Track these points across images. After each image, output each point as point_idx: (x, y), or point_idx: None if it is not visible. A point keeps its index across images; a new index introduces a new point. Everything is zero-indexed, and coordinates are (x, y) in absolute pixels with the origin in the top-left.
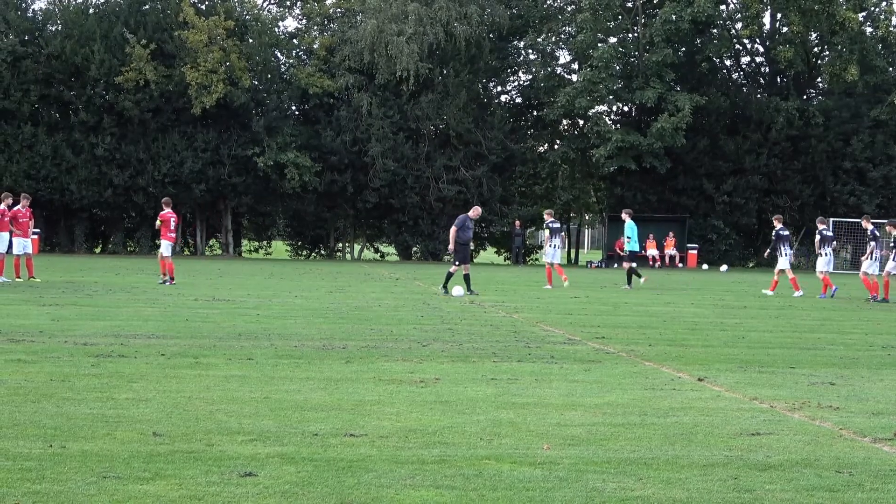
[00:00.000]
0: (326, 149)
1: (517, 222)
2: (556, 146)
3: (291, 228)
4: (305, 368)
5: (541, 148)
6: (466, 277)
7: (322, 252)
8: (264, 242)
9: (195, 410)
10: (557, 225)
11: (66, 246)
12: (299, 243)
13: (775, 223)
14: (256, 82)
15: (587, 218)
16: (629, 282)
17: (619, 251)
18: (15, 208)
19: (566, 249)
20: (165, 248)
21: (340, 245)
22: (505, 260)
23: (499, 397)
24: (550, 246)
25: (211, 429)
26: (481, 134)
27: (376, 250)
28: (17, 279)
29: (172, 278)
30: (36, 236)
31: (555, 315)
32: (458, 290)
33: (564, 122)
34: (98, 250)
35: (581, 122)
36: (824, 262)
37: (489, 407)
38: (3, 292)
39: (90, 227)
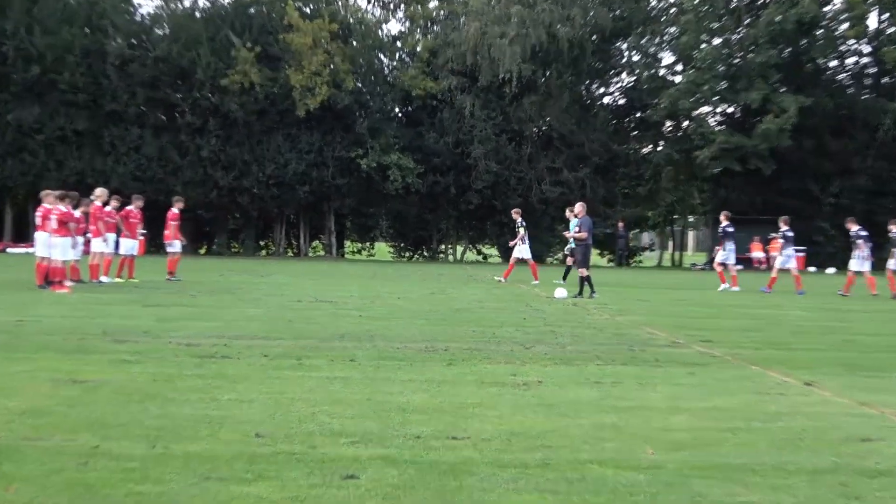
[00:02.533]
0: (429, 150)
1: (621, 224)
2: (659, 147)
3: (394, 230)
4: (407, 370)
5: (644, 149)
6: (587, 279)
7: (424, 254)
8: (367, 244)
9: (297, 412)
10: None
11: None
12: (402, 245)
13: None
14: (360, 84)
15: (691, 220)
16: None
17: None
18: (127, 208)
19: (674, 251)
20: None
21: (443, 247)
22: (608, 262)
23: (602, 401)
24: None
25: (313, 430)
26: (584, 135)
27: (478, 252)
28: (118, 279)
29: (171, 273)
30: (143, 237)
31: (659, 318)
32: (560, 291)
33: (668, 123)
34: (202, 251)
35: (685, 123)
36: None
37: (592, 410)
38: (110, 293)
39: (195, 228)
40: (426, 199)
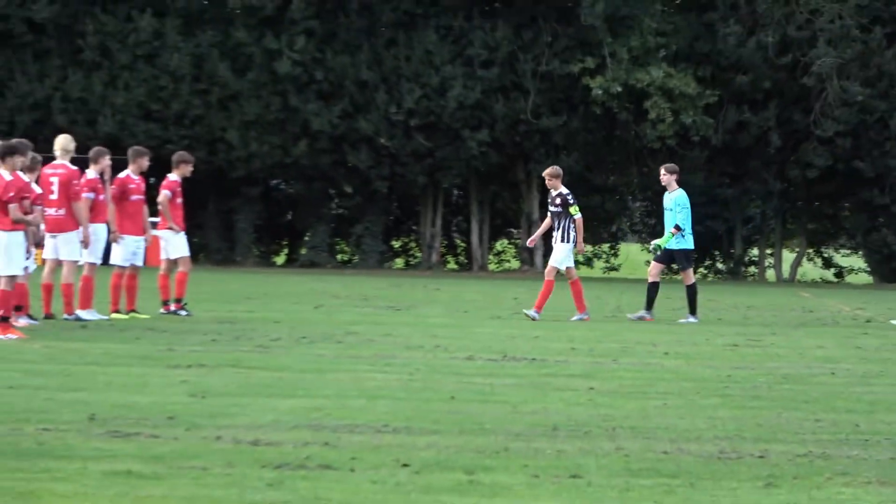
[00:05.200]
0: (726, 61)
1: None
2: None
3: (658, 219)
4: (697, 499)
5: None
6: None
7: (718, 265)
8: (602, 245)
9: None
10: None
11: (222, 252)
12: None
13: None
14: None
15: None
16: None
17: None
18: (125, 174)
19: None
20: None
21: (754, 251)
22: None
23: None
24: None
25: None
26: None
27: (825, 261)
28: (115, 313)
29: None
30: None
31: None
32: None
33: None
34: (280, 259)
35: None
36: None
37: None
38: (98, 340)
39: (263, 216)
40: (721, 157)
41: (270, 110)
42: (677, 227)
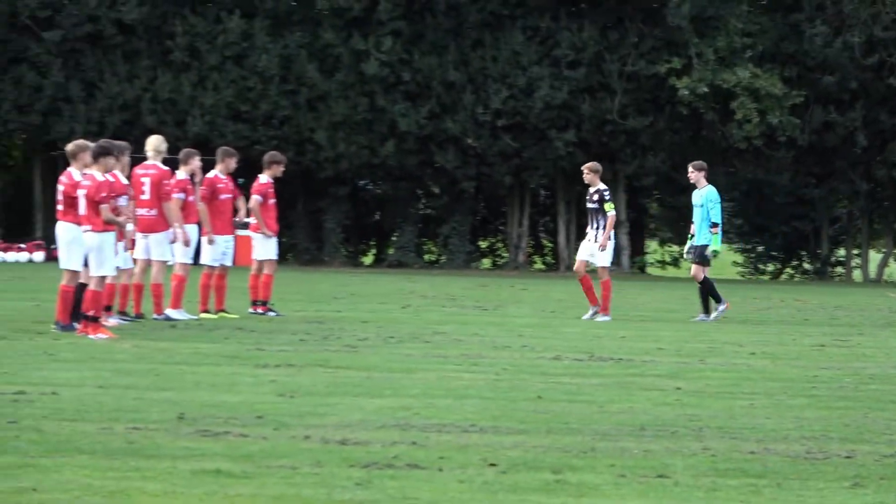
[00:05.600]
0: (812, 61)
1: None
2: None
3: (745, 220)
4: (784, 500)
5: None
6: None
7: (804, 266)
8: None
9: None
10: None
11: (310, 252)
12: (757, 250)
13: None
14: None
15: None
16: None
17: None
18: (214, 174)
19: None
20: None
21: (840, 252)
22: None
23: None
24: None
25: None
26: None
27: None
28: (204, 312)
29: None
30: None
31: None
32: None
33: None
34: (367, 259)
35: None
36: None
37: None
38: (187, 339)
39: (350, 216)
40: (807, 157)
41: (358, 111)
42: (714, 225)
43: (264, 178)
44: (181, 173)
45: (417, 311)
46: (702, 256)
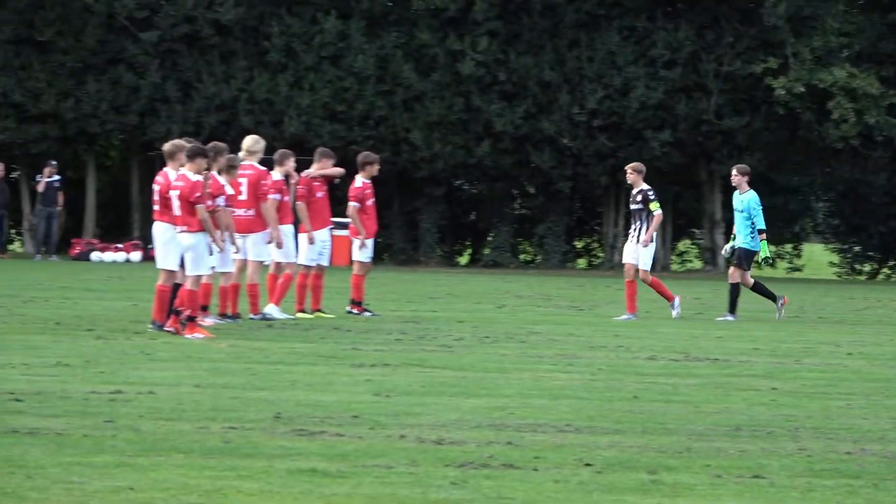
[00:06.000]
0: None
1: None
2: None
3: (842, 219)
4: (880, 500)
5: None
6: None
7: None
8: (785, 245)
9: None
10: None
11: (406, 252)
12: (854, 250)
13: None
14: None
15: None
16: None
17: None
18: (307, 174)
19: None
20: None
21: None
22: None
23: None
24: None
25: None
26: None
27: None
28: (301, 312)
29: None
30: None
31: None
32: None
33: None
34: (463, 259)
35: None
36: None
37: None
38: (283, 339)
39: (446, 216)
40: None
41: (454, 111)
42: (762, 231)
43: (360, 180)
44: (276, 174)
45: (513, 311)
46: (741, 259)
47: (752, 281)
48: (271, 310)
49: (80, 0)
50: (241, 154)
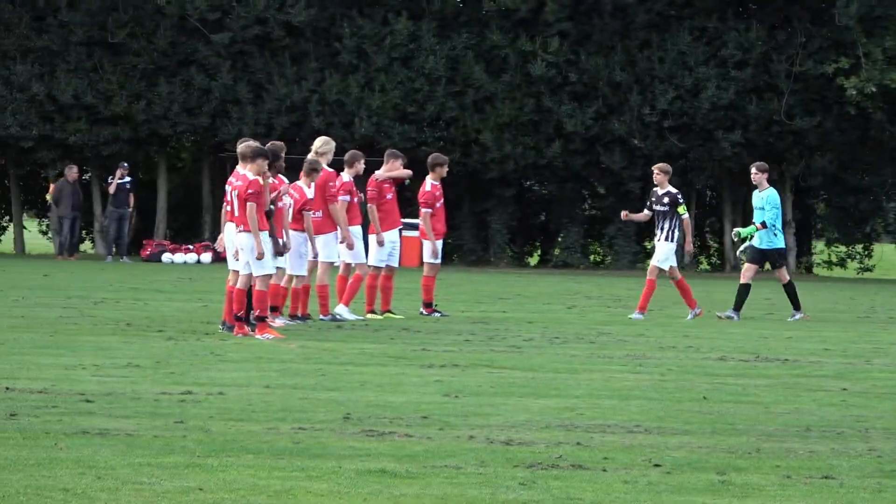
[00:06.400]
0: None
1: None
2: None
3: None
4: None
5: None
6: None
7: None
8: (857, 246)
9: None
10: None
11: (476, 253)
12: None
13: None
14: None
15: None
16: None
17: None
18: (377, 177)
19: None
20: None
21: None
22: None
23: None
24: None
25: None
26: None
27: None
28: (371, 313)
29: (427, 305)
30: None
31: None
32: None
33: None
34: (533, 260)
35: None
36: None
37: None
38: (353, 340)
39: (515, 216)
40: None
41: (524, 112)
42: (763, 224)
43: (430, 182)
44: (346, 175)
45: (583, 312)
46: (775, 260)
47: (750, 280)
48: (341, 310)
49: (153, 2)
50: (310, 155)
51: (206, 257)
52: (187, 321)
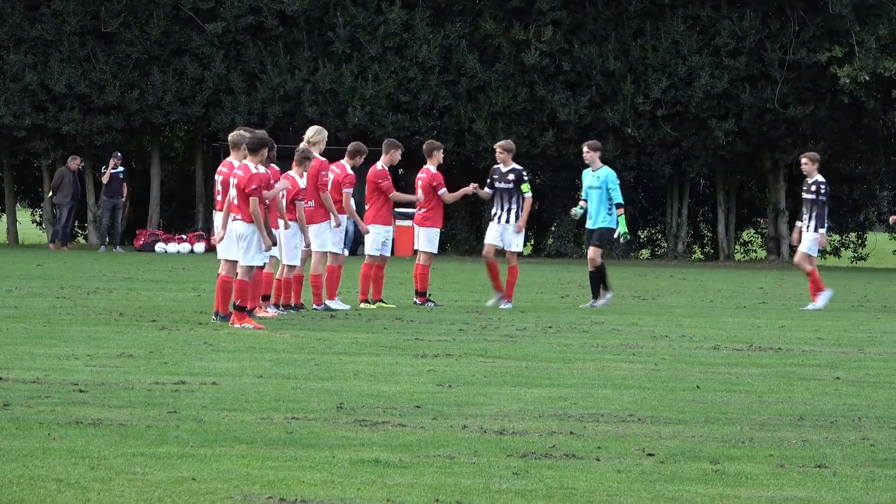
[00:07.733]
0: None
1: None
2: None
3: None
4: None
5: None
6: None
7: None
8: (850, 234)
9: None
10: None
11: (468, 242)
12: None
13: None
14: None
15: None
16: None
17: None
18: (379, 166)
19: None
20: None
21: None
22: None
23: None
24: None
25: None
26: None
27: None
28: (365, 302)
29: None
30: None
31: None
32: None
33: None
34: (526, 251)
35: None
36: None
37: None
38: (344, 329)
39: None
40: None
41: (518, 101)
42: (620, 206)
43: (433, 167)
44: (349, 167)
45: (576, 301)
46: (601, 239)
47: (600, 261)
48: (331, 304)
49: None
50: (302, 145)
51: (200, 247)
52: (180, 311)
